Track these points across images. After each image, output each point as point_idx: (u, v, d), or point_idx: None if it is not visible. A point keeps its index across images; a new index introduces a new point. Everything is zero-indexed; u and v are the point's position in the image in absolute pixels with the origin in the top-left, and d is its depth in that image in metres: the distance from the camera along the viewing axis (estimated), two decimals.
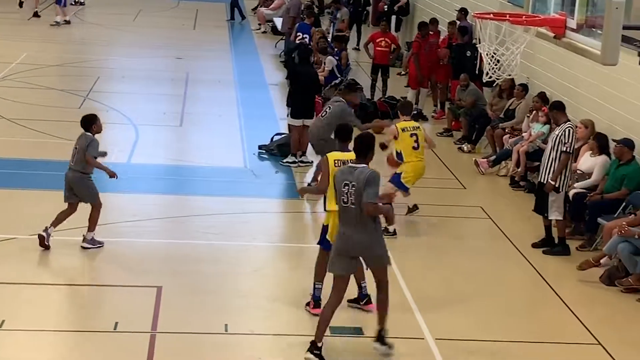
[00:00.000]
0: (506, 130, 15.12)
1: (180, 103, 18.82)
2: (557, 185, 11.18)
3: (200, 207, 12.60)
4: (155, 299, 9.50)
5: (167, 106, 18.53)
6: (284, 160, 14.81)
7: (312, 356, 8.33)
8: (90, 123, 10.69)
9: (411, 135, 11.91)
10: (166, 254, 10.94)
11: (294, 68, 15.33)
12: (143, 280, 10.00)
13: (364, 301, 9.43)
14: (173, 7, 33.33)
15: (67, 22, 26.88)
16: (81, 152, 10.56)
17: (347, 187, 8.19)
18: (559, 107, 11.70)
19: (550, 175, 11.19)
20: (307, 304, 9.41)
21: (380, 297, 8.64)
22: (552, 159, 11.20)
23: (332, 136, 10.59)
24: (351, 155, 8.71)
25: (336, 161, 9.01)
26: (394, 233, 11.52)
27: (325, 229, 9.21)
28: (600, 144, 12.17)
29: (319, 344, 8.35)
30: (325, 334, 8.47)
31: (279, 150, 15.19)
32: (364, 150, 8.34)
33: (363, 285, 9.37)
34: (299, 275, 10.53)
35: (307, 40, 20.01)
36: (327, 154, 9.22)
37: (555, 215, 11.35)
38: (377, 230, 8.34)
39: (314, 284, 9.36)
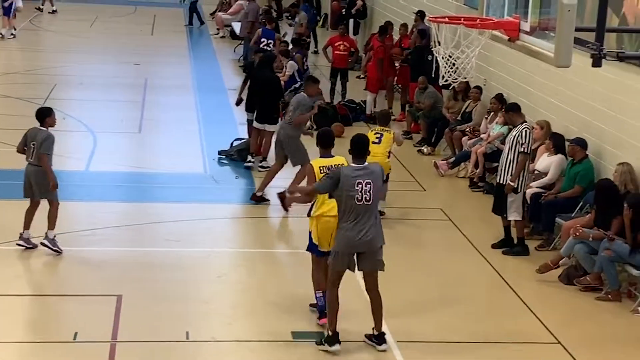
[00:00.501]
0: (465, 132, 15.21)
1: (138, 109, 18.71)
2: (515, 186, 11.28)
3: (161, 214, 12.53)
4: (115, 308, 9.42)
5: (126, 113, 18.41)
6: (247, 162, 14.81)
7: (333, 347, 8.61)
8: (44, 116, 10.76)
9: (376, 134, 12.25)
10: (126, 262, 10.86)
11: (253, 73, 15.29)
12: (102, 289, 9.91)
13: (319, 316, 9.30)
14: (130, 13, 33.14)
15: (13, 36, 25.43)
16: (38, 147, 10.54)
17: (360, 186, 8.39)
18: (515, 108, 11.84)
19: (509, 176, 11.29)
20: (319, 318, 9.23)
21: (376, 301, 8.80)
22: (510, 160, 11.30)
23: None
24: (336, 160, 9.01)
25: (321, 167, 8.98)
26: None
27: (310, 235, 9.17)
28: (556, 143, 12.30)
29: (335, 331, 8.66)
30: (290, 340, 8.58)
31: (238, 156, 15.15)
32: (365, 149, 8.64)
33: (319, 296, 9.29)
34: (261, 281, 10.53)
35: (271, 45, 19.98)
36: (312, 162, 9.23)
37: (514, 216, 11.44)
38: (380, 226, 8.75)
39: (315, 294, 9.21)
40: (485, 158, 14.08)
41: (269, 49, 19.59)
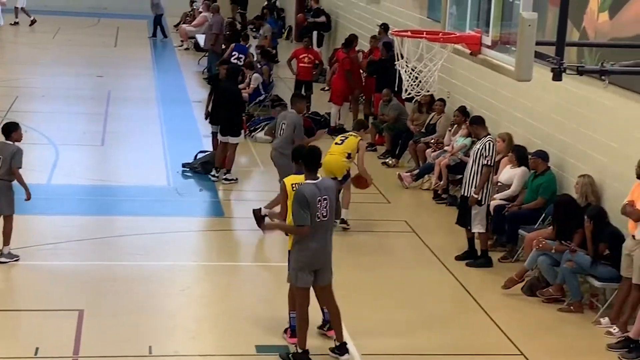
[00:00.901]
0: (429, 145, 15.28)
1: (101, 122, 18.58)
2: (479, 199, 11.35)
3: (124, 228, 12.44)
4: (77, 323, 9.32)
5: (88, 125, 18.28)
6: (211, 175, 14.78)
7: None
8: (10, 131, 10.84)
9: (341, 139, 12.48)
10: (89, 277, 10.76)
11: (218, 85, 15.27)
12: (64, 304, 9.81)
13: (327, 327, 9.27)
14: (93, 24, 32.97)
15: None
16: (7, 162, 10.60)
17: (320, 203, 8.41)
18: (479, 121, 11.93)
19: (473, 188, 11.36)
20: (285, 331, 9.19)
21: (334, 313, 8.80)
22: (474, 172, 11.37)
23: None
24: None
25: (294, 185, 8.79)
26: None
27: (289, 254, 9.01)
28: (519, 156, 12.40)
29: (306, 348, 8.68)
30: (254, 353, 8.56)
31: (202, 168, 15.10)
32: (317, 163, 8.60)
33: (325, 311, 9.24)
34: (225, 295, 10.49)
35: (241, 60, 19.95)
36: (285, 179, 9.09)
37: (478, 228, 11.51)
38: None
39: (289, 314, 9.10)
40: (448, 170, 14.15)
41: (239, 62, 19.59)
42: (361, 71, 19.24)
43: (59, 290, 10.28)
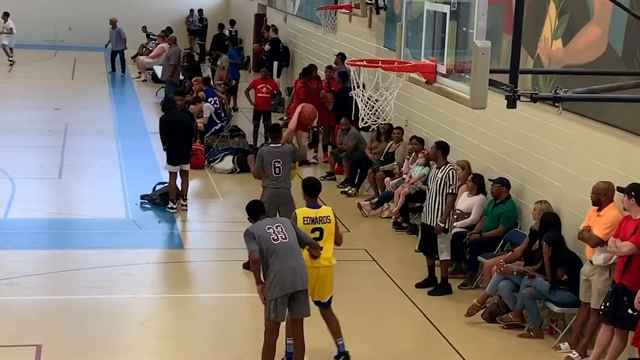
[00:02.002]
0: (391, 172, 15.28)
1: (59, 154, 18.43)
2: (446, 227, 11.40)
3: (81, 261, 12.29)
4: (35, 359, 9.18)
5: (46, 158, 18.12)
6: (168, 207, 14.69)
7: None
8: None
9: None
10: (46, 311, 10.62)
11: (163, 120, 15.22)
12: (21, 340, 9.65)
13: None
14: (50, 57, 32.79)
15: None
16: None
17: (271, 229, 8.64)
18: (444, 148, 11.79)
19: (436, 217, 11.38)
20: None
21: (298, 348, 8.83)
22: (438, 201, 11.39)
23: None
24: (322, 211, 9.09)
25: (305, 218, 8.98)
26: None
27: None
28: (478, 184, 12.47)
29: None
30: None
31: (161, 200, 15.01)
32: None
33: (339, 342, 9.27)
34: (184, 327, 10.38)
35: (217, 105, 19.91)
36: (296, 210, 9.20)
37: (444, 255, 11.54)
38: None
39: (286, 340, 9.10)
40: (408, 198, 14.18)
41: (216, 106, 19.61)
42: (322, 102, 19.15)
43: (15, 325, 10.10)
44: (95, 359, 9.32)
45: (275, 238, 8.54)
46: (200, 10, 36.60)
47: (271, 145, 12.15)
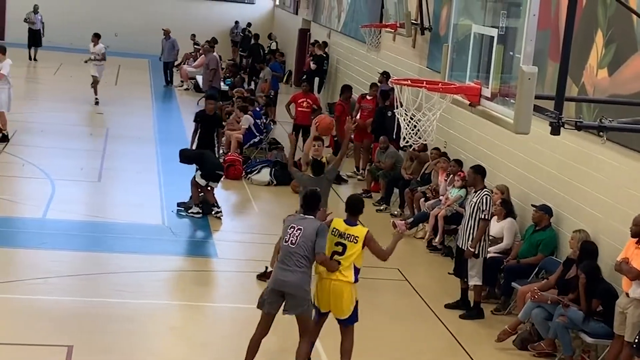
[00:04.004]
0: (425, 193, 15.26)
1: (99, 158, 18.61)
2: (476, 252, 11.35)
3: (116, 265, 12.39)
4: (66, 359, 9.26)
5: (86, 161, 18.30)
6: (192, 212, 14.82)
7: None
8: None
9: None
10: (79, 313, 10.69)
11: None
12: (53, 340, 9.73)
13: None
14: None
15: None
16: None
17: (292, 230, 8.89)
18: (481, 172, 11.80)
19: (469, 241, 11.35)
20: None
21: (302, 344, 8.97)
22: (470, 226, 11.37)
23: None
24: (353, 229, 9.20)
25: (334, 230, 9.15)
26: None
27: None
28: (507, 210, 12.45)
29: None
30: None
31: (205, 207, 15.10)
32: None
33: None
34: (213, 336, 10.41)
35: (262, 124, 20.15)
36: (334, 219, 9.33)
37: (474, 280, 11.48)
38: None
39: None
40: (444, 221, 14.11)
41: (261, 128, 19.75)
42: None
43: (48, 325, 10.19)
44: None
45: (287, 239, 8.88)
46: (249, 24, 36.70)
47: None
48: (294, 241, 8.81)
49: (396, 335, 10.89)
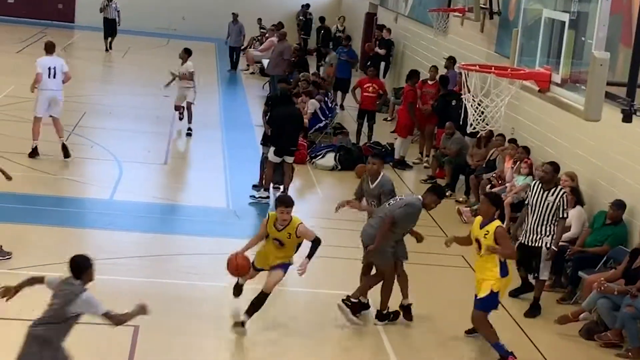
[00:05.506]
0: (491, 180, 15.11)
1: (165, 141, 18.81)
2: (557, 251, 11.18)
3: (182, 247, 12.53)
4: (132, 338, 9.40)
5: (153, 144, 18.51)
6: (257, 195, 14.85)
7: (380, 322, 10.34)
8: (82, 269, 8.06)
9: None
10: (145, 293, 10.78)
11: (275, 113, 15.33)
12: None
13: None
14: (162, 45, 33.43)
15: None
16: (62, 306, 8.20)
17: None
18: (558, 168, 11.67)
19: (540, 237, 11.10)
20: None
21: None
22: (545, 225, 11.11)
23: None
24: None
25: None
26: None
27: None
28: (576, 198, 12.25)
29: (384, 311, 10.39)
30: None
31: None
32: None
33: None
34: (278, 319, 10.46)
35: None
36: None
37: (544, 275, 11.32)
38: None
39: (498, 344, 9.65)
40: (510, 208, 13.95)
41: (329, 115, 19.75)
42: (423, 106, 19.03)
43: (115, 305, 10.25)
44: (190, 344, 9.48)
45: None
46: (307, 5, 36.58)
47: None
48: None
49: (459, 320, 10.81)
